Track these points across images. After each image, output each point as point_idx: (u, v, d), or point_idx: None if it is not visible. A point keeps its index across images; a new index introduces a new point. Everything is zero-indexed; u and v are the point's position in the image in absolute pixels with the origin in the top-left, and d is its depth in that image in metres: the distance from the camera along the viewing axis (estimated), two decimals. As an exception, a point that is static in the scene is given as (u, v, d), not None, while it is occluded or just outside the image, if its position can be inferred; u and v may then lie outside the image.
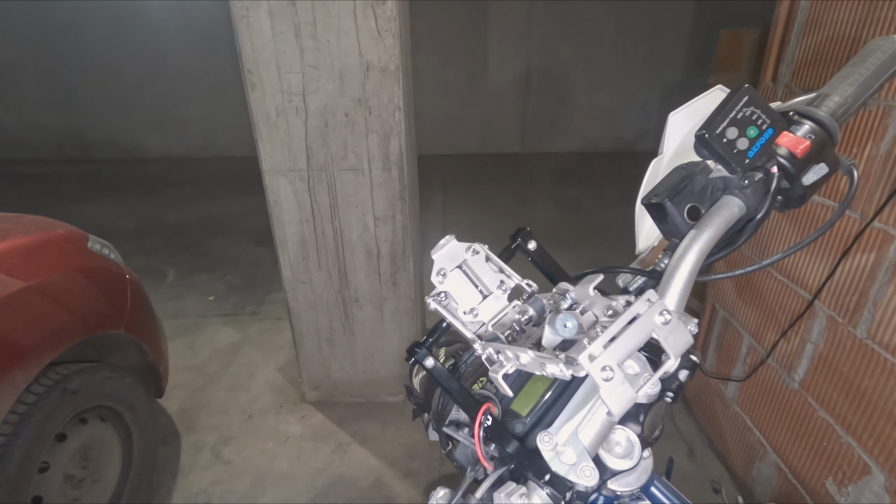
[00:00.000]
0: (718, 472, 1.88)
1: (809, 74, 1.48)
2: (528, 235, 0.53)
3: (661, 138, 0.56)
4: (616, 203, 4.52)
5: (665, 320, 0.37)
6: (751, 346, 1.75)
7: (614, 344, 0.35)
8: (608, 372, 0.35)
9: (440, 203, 4.71)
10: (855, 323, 1.30)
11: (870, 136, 1.25)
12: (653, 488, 0.50)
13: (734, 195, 0.47)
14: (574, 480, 0.40)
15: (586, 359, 0.34)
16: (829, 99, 0.50)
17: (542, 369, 0.38)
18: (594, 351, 0.34)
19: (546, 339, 0.42)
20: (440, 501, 0.45)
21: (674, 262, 0.45)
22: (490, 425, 0.44)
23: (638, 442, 0.45)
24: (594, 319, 0.42)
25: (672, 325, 0.38)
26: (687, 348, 0.39)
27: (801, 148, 0.47)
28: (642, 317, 0.37)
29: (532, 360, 0.39)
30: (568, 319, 0.41)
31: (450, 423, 0.54)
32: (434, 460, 1.90)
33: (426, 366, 0.45)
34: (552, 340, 0.42)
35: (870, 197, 1.24)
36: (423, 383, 0.62)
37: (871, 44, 0.53)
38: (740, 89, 0.46)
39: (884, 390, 1.22)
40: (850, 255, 1.29)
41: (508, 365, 0.41)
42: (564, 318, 0.41)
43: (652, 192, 0.49)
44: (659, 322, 0.37)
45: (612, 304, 0.41)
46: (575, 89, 6.24)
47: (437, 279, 0.45)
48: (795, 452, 1.53)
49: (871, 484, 1.27)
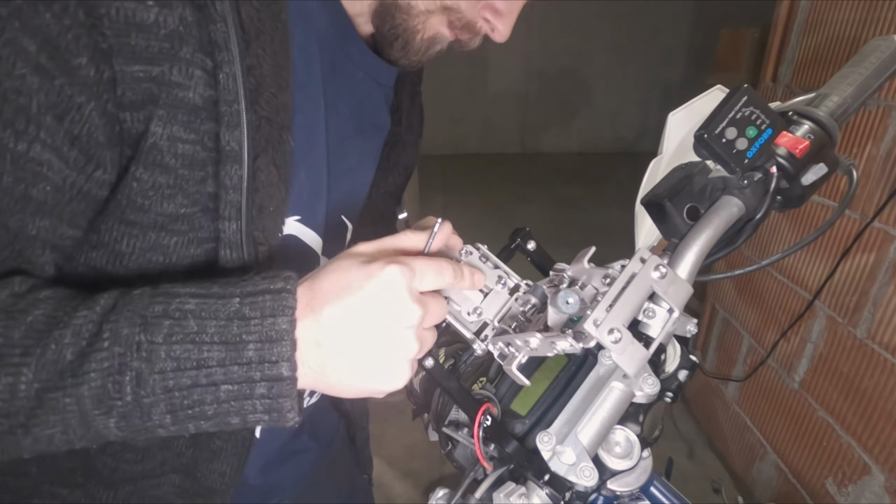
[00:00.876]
0: (718, 472, 1.88)
1: (809, 74, 1.48)
2: (528, 235, 0.53)
3: (661, 138, 0.56)
4: (616, 203, 4.51)
5: (661, 274, 0.38)
6: (751, 346, 1.75)
7: (616, 306, 0.36)
8: (616, 334, 0.35)
9: (440, 203, 4.71)
10: (855, 323, 1.30)
11: (870, 136, 1.25)
12: (652, 488, 0.50)
13: (733, 195, 0.47)
14: (573, 480, 0.40)
15: (592, 325, 0.34)
16: (829, 99, 0.50)
17: (553, 348, 0.38)
18: (598, 316, 0.35)
19: (551, 319, 0.42)
20: (440, 501, 0.45)
21: (673, 262, 0.45)
22: (489, 425, 0.44)
23: (637, 442, 0.45)
24: (595, 292, 0.42)
25: (669, 278, 0.38)
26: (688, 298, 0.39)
27: (801, 148, 0.47)
28: (639, 274, 0.37)
29: (541, 342, 0.39)
30: (569, 296, 0.41)
31: (449, 423, 0.54)
32: (434, 460, 1.90)
33: (426, 366, 0.45)
34: (558, 320, 0.42)
35: (870, 197, 1.24)
36: (423, 383, 0.62)
37: (870, 44, 0.53)
38: (739, 89, 0.46)
39: (884, 390, 1.22)
40: (850, 255, 1.29)
41: (520, 355, 0.41)
42: (566, 294, 0.41)
43: (651, 192, 0.49)
44: (655, 277, 0.38)
45: (608, 273, 0.41)
46: (575, 89, 6.24)
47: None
48: (795, 452, 1.53)
49: (871, 484, 1.27)
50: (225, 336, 0.36)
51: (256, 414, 0.37)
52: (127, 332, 0.35)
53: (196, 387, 0.36)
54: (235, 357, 0.36)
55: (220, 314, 0.36)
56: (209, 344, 0.35)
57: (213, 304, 0.37)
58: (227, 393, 0.36)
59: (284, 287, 0.37)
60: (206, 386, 0.36)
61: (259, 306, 0.36)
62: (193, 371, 0.35)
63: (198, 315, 0.36)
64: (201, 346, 0.35)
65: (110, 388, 0.34)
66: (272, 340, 0.36)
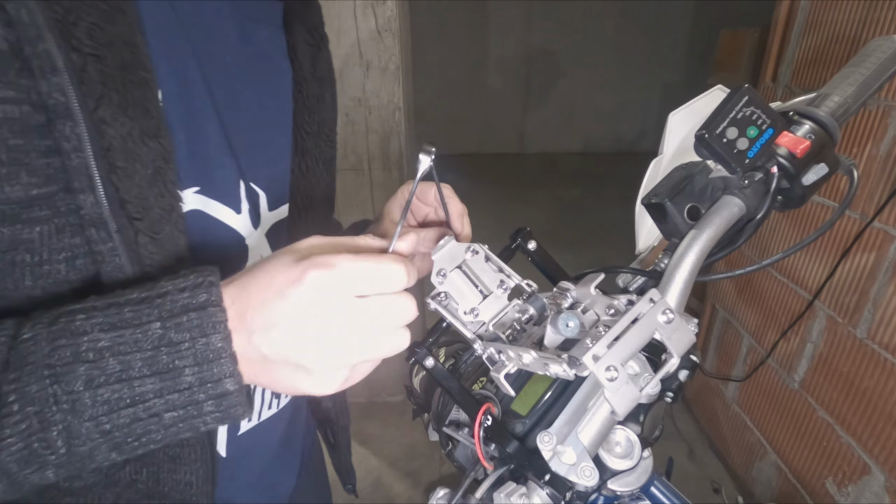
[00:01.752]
0: (718, 472, 1.88)
1: (809, 74, 1.48)
2: (528, 235, 0.53)
3: (661, 138, 0.56)
4: (616, 203, 4.52)
5: (668, 319, 0.37)
6: (751, 346, 1.75)
7: (618, 344, 0.35)
8: (612, 372, 0.35)
9: (440, 203, 4.70)
10: (855, 323, 1.30)
11: (870, 136, 1.25)
12: (653, 488, 0.50)
13: (734, 195, 0.48)
14: (574, 480, 0.40)
15: (590, 359, 0.34)
16: (829, 99, 0.50)
17: (546, 369, 0.38)
18: (598, 351, 0.34)
19: (548, 338, 0.42)
20: (440, 501, 0.45)
21: (674, 262, 0.45)
22: (490, 425, 0.44)
23: (638, 442, 0.45)
24: (596, 318, 0.42)
25: (675, 324, 0.38)
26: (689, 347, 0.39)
27: (801, 148, 0.47)
28: (645, 316, 0.37)
29: (535, 360, 0.38)
30: (570, 319, 0.40)
31: (450, 423, 0.54)
32: (434, 460, 1.90)
33: (426, 366, 0.45)
34: (554, 340, 0.42)
35: (870, 197, 1.24)
36: (423, 383, 0.62)
37: (870, 44, 0.53)
38: (740, 89, 0.46)
39: (884, 390, 1.22)
40: (850, 255, 1.29)
41: (510, 365, 0.41)
42: (566, 317, 0.41)
43: (652, 192, 0.49)
44: (662, 321, 0.37)
45: (613, 304, 0.41)
46: (575, 89, 6.24)
47: (437, 279, 0.45)
48: (795, 452, 1.53)
49: (871, 484, 1.27)
50: (155, 367, 0.32)
51: (208, 425, 0.35)
52: (36, 389, 0.30)
53: (137, 421, 0.32)
54: (173, 386, 0.32)
55: (142, 345, 0.32)
56: (140, 378, 0.32)
57: (130, 336, 0.32)
58: (171, 419, 0.33)
59: (208, 300, 0.33)
60: (147, 418, 0.33)
61: (185, 327, 0.32)
62: (129, 409, 0.32)
63: (117, 352, 0.31)
64: (131, 382, 0.32)
65: (37, 446, 0.31)
66: (209, 360, 0.32)
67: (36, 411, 0.30)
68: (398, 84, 1.62)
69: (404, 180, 1.75)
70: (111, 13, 0.35)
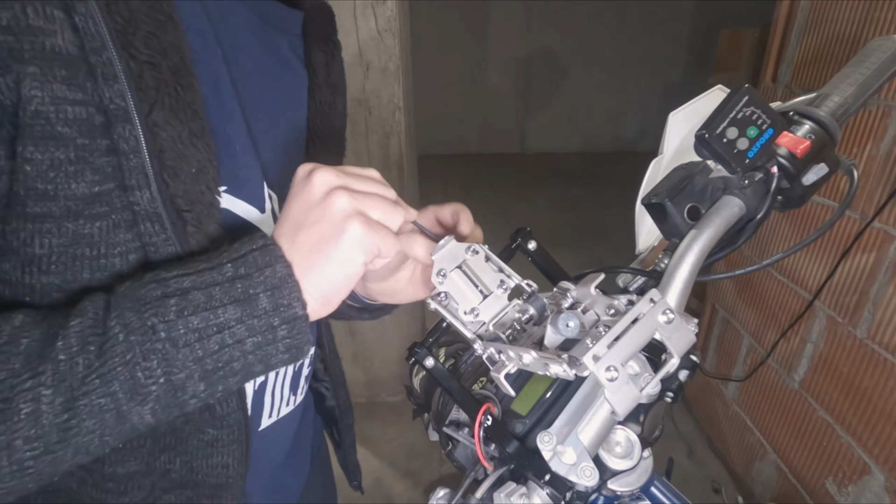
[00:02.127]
0: (718, 472, 1.88)
1: (809, 74, 1.48)
2: (528, 235, 0.53)
3: (661, 138, 0.56)
4: (616, 203, 4.52)
5: (668, 319, 0.37)
6: (751, 346, 1.75)
7: (618, 344, 0.35)
8: (613, 372, 0.35)
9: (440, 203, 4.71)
10: (855, 323, 1.30)
11: (870, 136, 1.25)
12: (653, 488, 0.50)
13: (734, 195, 0.47)
14: (574, 480, 0.40)
15: (591, 359, 0.34)
16: (830, 99, 0.50)
17: (546, 370, 0.38)
18: (598, 351, 0.34)
19: (548, 338, 0.42)
20: (440, 501, 0.45)
21: (674, 262, 0.45)
22: (490, 425, 0.44)
23: (638, 442, 0.45)
24: (596, 318, 0.42)
25: (675, 325, 0.38)
26: (689, 347, 0.39)
27: (802, 148, 0.47)
28: (646, 316, 0.37)
29: (535, 361, 0.39)
30: (570, 319, 0.41)
31: (450, 423, 0.54)
32: (434, 460, 1.90)
33: (426, 366, 0.45)
34: (554, 340, 0.42)
35: (870, 197, 1.24)
36: (423, 383, 0.62)
37: (871, 44, 0.53)
38: (740, 89, 0.46)
39: (884, 390, 1.22)
40: (850, 255, 1.29)
41: (510, 365, 0.41)
42: (567, 317, 0.41)
43: (652, 192, 0.49)
44: (662, 321, 0.37)
45: (613, 304, 0.41)
46: (575, 89, 6.24)
47: (437, 279, 0.45)
48: (795, 452, 1.53)
49: (871, 484, 1.27)
50: (234, 296, 0.36)
51: (279, 355, 0.38)
52: (136, 321, 0.34)
53: (224, 348, 0.36)
54: (251, 311, 0.36)
55: (219, 280, 0.36)
56: (222, 307, 0.36)
57: (207, 275, 0.36)
58: (252, 345, 0.37)
59: (265, 242, 0.38)
60: (232, 345, 0.36)
61: (252, 263, 0.37)
62: (218, 335, 0.36)
63: (199, 286, 0.36)
64: (216, 310, 0.36)
65: (140, 376, 0.34)
66: (278, 287, 0.37)
67: (139, 340, 0.34)
68: (398, 84, 1.62)
69: (404, 180, 1.75)
70: (164, 22, 0.38)
